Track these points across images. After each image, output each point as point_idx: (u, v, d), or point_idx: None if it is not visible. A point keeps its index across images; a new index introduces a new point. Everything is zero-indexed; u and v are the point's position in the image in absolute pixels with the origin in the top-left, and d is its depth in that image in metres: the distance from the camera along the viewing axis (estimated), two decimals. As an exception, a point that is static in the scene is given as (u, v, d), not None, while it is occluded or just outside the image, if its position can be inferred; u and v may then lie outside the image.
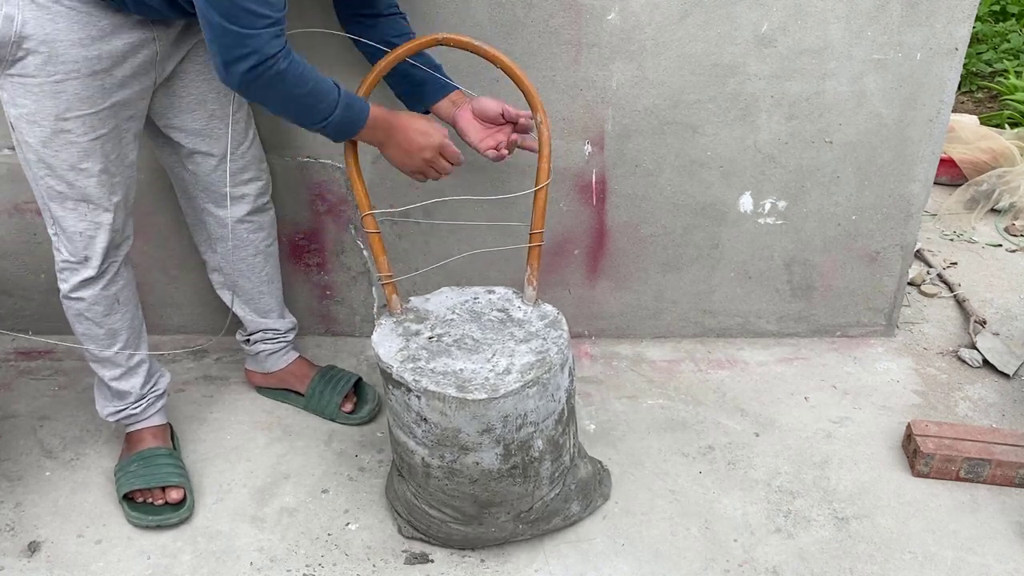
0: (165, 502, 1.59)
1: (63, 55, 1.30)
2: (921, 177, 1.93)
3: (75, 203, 1.43)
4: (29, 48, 1.29)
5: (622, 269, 2.04)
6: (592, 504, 1.60)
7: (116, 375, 1.62)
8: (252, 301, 1.79)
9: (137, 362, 1.64)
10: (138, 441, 1.67)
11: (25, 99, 1.34)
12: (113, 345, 1.59)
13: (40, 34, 1.28)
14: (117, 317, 1.57)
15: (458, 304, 1.55)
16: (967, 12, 1.74)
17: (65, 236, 1.47)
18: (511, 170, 1.89)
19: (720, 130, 1.86)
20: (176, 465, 1.65)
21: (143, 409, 1.66)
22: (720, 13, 1.73)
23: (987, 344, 2.06)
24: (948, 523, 1.60)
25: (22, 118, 1.36)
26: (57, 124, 1.35)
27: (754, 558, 1.52)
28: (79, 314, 1.55)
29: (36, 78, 1.32)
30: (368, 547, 1.54)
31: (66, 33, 1.29)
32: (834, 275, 2.06)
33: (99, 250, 1.49)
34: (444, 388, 1.33)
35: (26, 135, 1.37)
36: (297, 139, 1.86)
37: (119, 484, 1.62)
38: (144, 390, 1.66)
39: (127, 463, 1.64)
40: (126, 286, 1.58)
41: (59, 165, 1.39)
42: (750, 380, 1.99)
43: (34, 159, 1.39)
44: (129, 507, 1.59)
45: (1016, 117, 3.43)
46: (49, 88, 1.32)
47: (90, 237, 1.47)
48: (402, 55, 1.47)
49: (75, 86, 1.33)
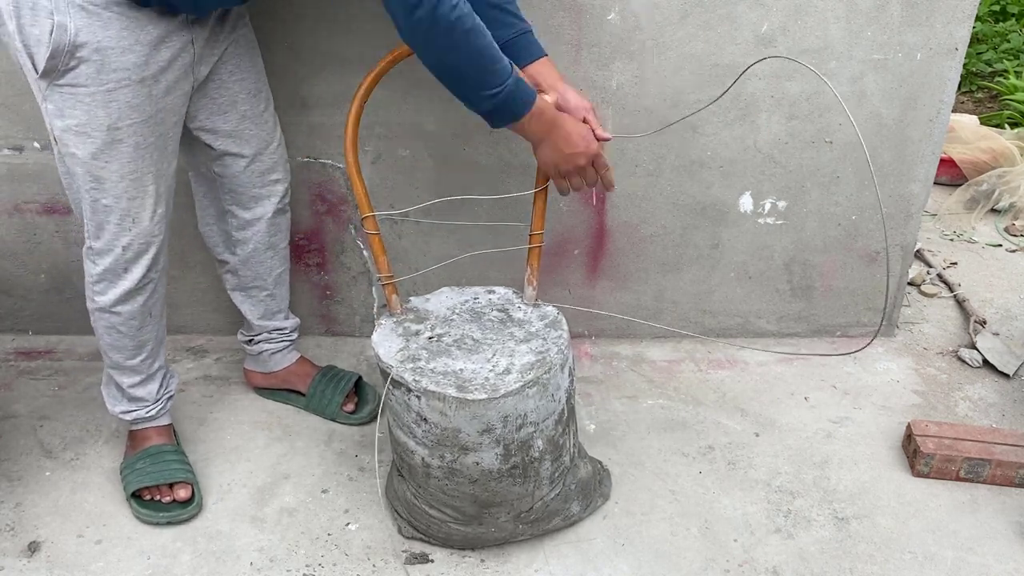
0: (173, 499, 1.59)
1: (115, 62, 1.29)
2: (921, 177, 1.93)
3: (121, 216, 1.42)
4: (82, 56, 1.27)
5: (622, 269, 2.04)
6: (592, 504, 1.60)
7: (135, 382, 1.62)
8: (263, 302, 1.79)
9: (156, 369, 1.64)
10: (144, 439, 1.67)
11: (75, 110, 1.31)
12: (138, 356, 1.59)
13: (93, 42, 1.26)
14: (148, 329, 1.57)
15: (458, 304, 1.55)
16: (967, 12, 1.74)
17: (107, 249, 1.45)
18: (511, 170, 1.89)
19: (720, 130, 1.86)
20: (183, 462, 1.65)
21: (156, 412, 1.66)
22: (720, 13, 1.73)
23: (987, 344, 2.06)
24: (948, 523, 1.60)
25: (70, 130, 1.33)
26: (110, 134, 1.34)
27: (754, 558, 1.52)
28: (112, 327, 1.53)
29: (88, 87, 1.29)
30: (368, 547, 1.54)
31: (117, 40, 1.28)
32: (834, 275, 2.06)
33: (144, 263, 1.48)
34: (444, 388, 1.33)
35: (74, 147, 1.35)
36: (297, 139, 1.86)
37: (127, 482, 1.62)
38: (159, 394, 1.66)
39: (133, 460, 1.64)
40: (160, 299, 1.57)
41: (109, 177, 1.38)
42: (750, 380, 1.99)
43: (81, 171, 1.37)
44: (138, 504, 1.59)
45: (1016, 117, 3.43)
46: (101, 97, 1.30)
47: (134, 250, 1.46)
48: (402, 55, 1.46)
49: (126, 94, 1.32)
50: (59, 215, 1.95)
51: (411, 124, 1.84)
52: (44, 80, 1.30)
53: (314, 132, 1.86)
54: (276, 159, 1.64)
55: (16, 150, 1.87)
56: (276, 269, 1.76)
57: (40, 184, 1.91)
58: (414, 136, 1.86)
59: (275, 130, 1.63)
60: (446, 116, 1.82)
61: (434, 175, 1.89)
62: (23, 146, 1.86)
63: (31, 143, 1.86)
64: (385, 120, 1.82)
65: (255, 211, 1.66)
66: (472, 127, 1.83)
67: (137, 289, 1.50)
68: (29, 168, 1.89)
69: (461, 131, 1.84)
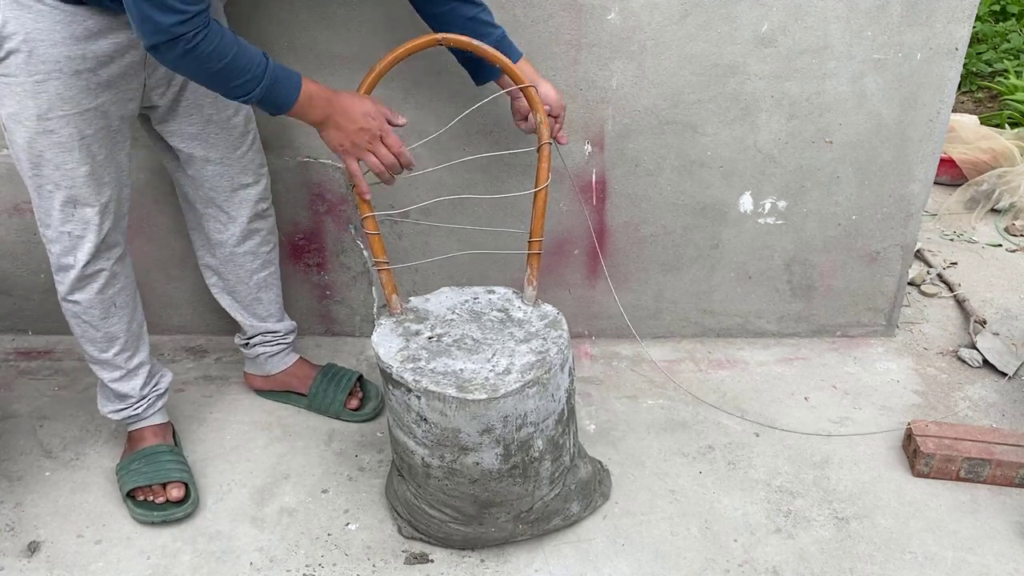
0: (166, 499, 1.59)
1: (44, 54, 1.30)
2: (921, 177, 1.93)
3: (62, 203, 1.44)
4: (11, 48, 1.29)
5: (622, 269, 2.03)
6: (592, 504, 1.60)
7: (116, 377, 1.62)
8: (250, 306, 1.78)
9: (136, 365, 1.64)
10: (139, 440, 1.67)
11: (10, 99, 1.34)
12: (110, 348, 1.59)
13: (21, 33, 1.28)
14: (114, 321, 1.57)
15: (458, 304, 1.55)
16: (967, 12, 1.74)
17: (54, 235, 1.47)
18: (511, 170, 1.89)
19: (720, 130, 1.86)
20: (178, 461, 1.65)
21: (144, 409, 1.66)
22: (720, 13, 1.73)
23: (987, 344, 2.06)
24: (948, 523, 1.60)
25: (10, 118, 1.37)
26: (40, 124, 1.36)
27: (754, 558, 1.52)
28: (76, 316, 1.55)
29: (18, 77, 1.32)
30: (368, 547, 1.54)
31: (48, 32, 1.29)
32: (834, 275, 2.06)
33: (86, 251, 1.48)
34: (444, 388, 1.33)
35: (14, 135, 1.38)
36: (297, 139, 1.86)
37: (122, 482, 1.62)
38: (144, 391, 1.66)
39: (128, 461, 1.64)
40: (123, 290, 1.58)
41: (45, 165, 1.40)
42: (750, 380, 1.99)
43: (23, 157, 1.40)
44: (133, 504, 1.59)
45: (1016, 117, 3.43)
46: (31, 88, 1.33)
47: (78, 237, 1.47)
48: (402, 55, 1.46)
49: (56, 86, 1.33)
50: (59, 215, 1.95)
51: (411, 124, 1.84)
52: None
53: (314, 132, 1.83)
54: (245, 163, 1.63)
55: (16, 150, 1.86)
56: (258, 273, 1.75)
57: (40, 184, 1.91)
58: (414, 136, 1.85)
59: (244, 136, 1.61)
60: (446, 116, 1.82)
61: (434, 175, 1.89)
62: (23, 146, 1.86)
63: (31, 143, 1.86)
64: (385, 120, 1.82)
65: (229, 214, 1.66)
66: (472, 127, 1.83)
67: (88, 276, 1.51)
68: (29, 168, 1.89)
69: (461, 131, 1.84)
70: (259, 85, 1.30)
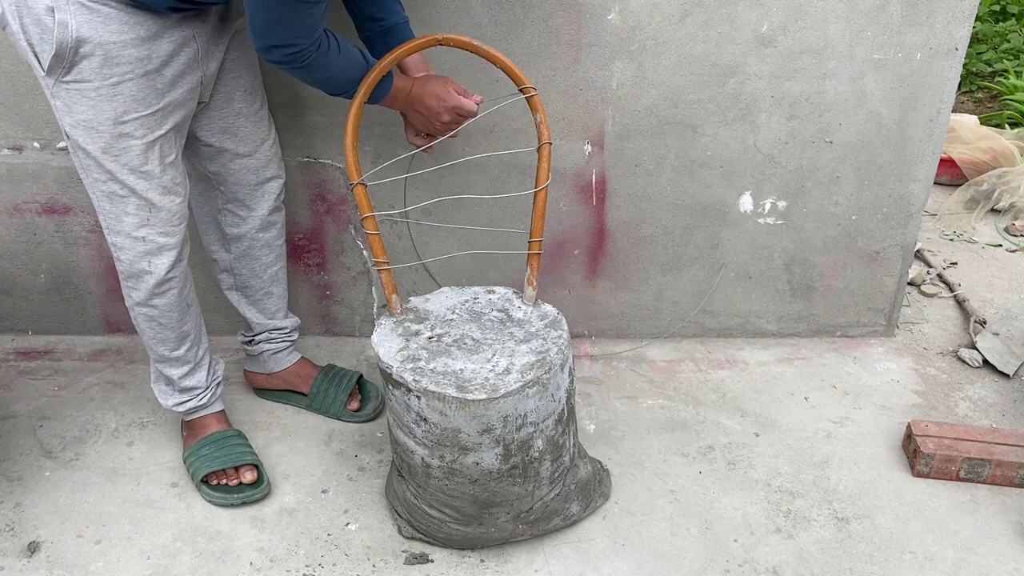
0: (239, 482, 1.61)
1: (118, 56, 1.31)
2: (921, 177, 1.93)
3: (137, 208, 1.43)
4: (86, 52, 1.29)
5: (622, 269, 2.04)
6: (592, 504, 1.60)
7: (184, 372, 1.64)
8: (260, 301, 1.79)
9: (201, 356, 1.66)
10: (203, 427, 1.69)
11: (82, 106, 1.34)
12: (182, 345, 1.61)
13: (95, 37, 1.28)
14: (188, 319, 1.59)
15: (458, 304, 1.55)
16: (967, 12, 1.74)
17: (125, 242, 1.47)
18: (511, 170, 1.89)
19: (720, 130, 1.86)
20: (246, 445, 1.68)
21: (208, 398, 1.69)
22: (720, 13, 1.73)
23: (987, 344, 2.06)
24: (948, 523, 1.60)
25: (79, 125, 1.36)
26: (116, 128, 1.36)
27: (754, 558, 1.52)
28: (151, 320, 1.56)
29: (92, 82, 1.32)
30: (368, 547, 1.54)
31: (118, 34, 1.30)
32: (834, 275, 2.06)
33: (169, 256, 1.49)
34: (444, 388, 1.33)
35: (84, 142, 1.37)
36: (297, 139, 1.86)
37: (194, 468, 1.64)
38: (208, 381, 1.68)
39: (197, 447, 1.66)
40: (191, 287, 1.60)
41: (120, 170, 1.39)
42: (750, 380, 1.99)
43: (93, 165, 1.39)
44: (209, 489, 1.62)
45: (1016, 117, 3.43)
46: (106, 91, 1.33)
47: (154, 243, 1.47)
48: (402, 55, 1.46)
49: (131, 87, 1.34)
50: (58, 215, 1.95)
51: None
52: (50, 77, 1.32)
53: (314, 132, 1.86)
54: (270, 156, 1.65)
55: (16, 150, 1.87)
56: (272, 267, 1.76)
57: (40, 184, 1.91)
58: (414, 136, 1.86)
59: (270, 128, 1.65)
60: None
61: (434, 175, 1.89)
62: (23, 146, 1.86)
63: (31, 143, 1.86)
64: (385, 120, 1.82)
65: (251, 208, 1.67)
66: (472, 127, 1.83)
67: (168, 280, 1.51)
68: (29, 168, 1.89)
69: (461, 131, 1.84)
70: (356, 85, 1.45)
